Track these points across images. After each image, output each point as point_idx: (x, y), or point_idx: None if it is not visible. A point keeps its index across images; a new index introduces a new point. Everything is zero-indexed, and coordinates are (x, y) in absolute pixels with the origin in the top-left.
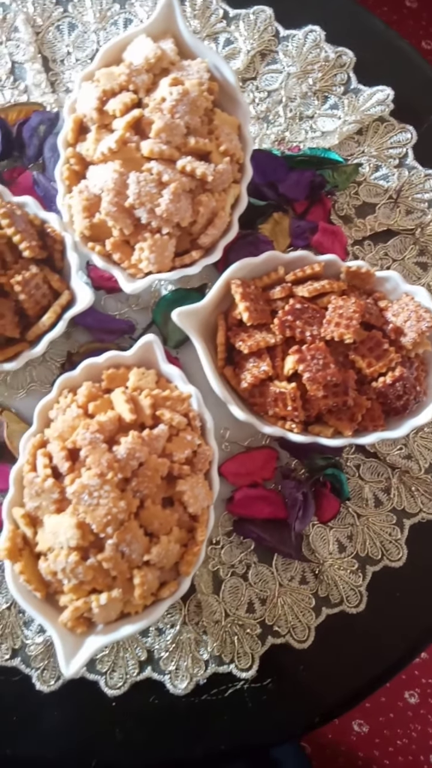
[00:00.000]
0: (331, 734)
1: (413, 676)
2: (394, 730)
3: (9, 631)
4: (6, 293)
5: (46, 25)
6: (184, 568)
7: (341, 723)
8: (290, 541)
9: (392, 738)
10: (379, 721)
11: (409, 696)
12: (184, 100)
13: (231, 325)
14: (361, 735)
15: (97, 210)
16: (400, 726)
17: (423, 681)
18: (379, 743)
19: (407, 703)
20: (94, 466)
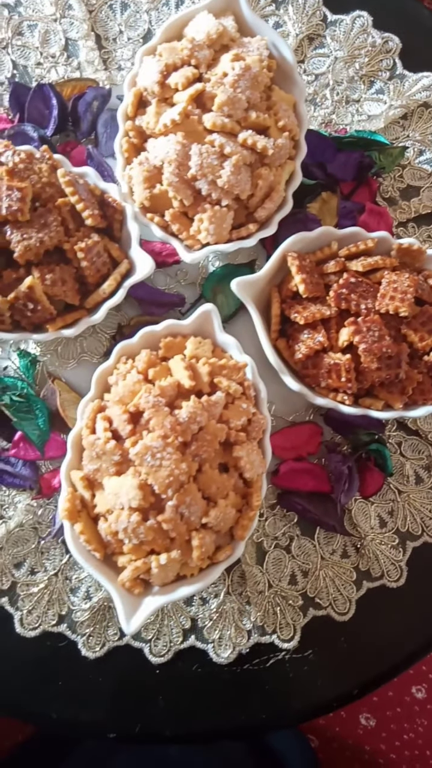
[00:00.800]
0: (338, 727)
1: (421, 671)
2: (401, 724)
3: (56, 597)
4: (68, 260)
5: (99, 3)
6: (240, 532)
7: (348, 716)
8: (334, 514)
9: (399, 732)
10: (386, 715)
11: (417, 691)
12: (246, 75)
13: (285, 297)
14: (368, 729)
15: (158, 181)
16: (407, 720)
17: (430, 676)
18: (385, 737)
19: (414, 698)
20: (157, 428)
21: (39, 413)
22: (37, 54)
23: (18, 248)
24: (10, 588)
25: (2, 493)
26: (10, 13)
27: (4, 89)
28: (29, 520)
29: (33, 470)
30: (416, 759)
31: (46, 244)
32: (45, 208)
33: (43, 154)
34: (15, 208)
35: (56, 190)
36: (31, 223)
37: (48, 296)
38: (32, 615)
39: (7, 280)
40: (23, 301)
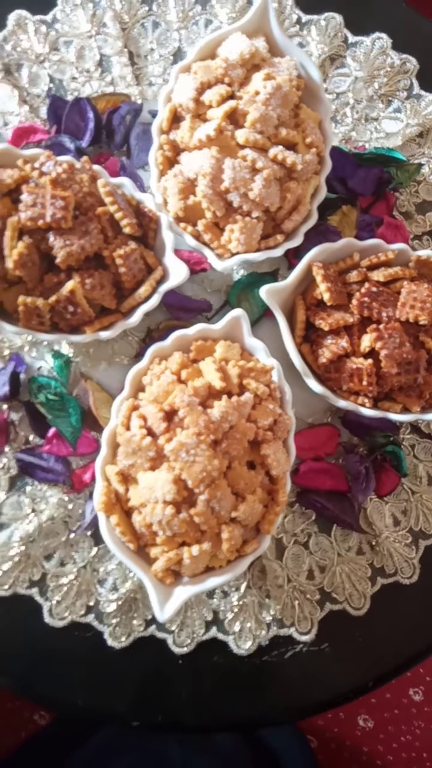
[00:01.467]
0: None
1: (418, 673)
2: (399, 726)
3: (84, 588)
4: (106, 266)
5: (132, 22)
6: (266, 526)
7: (347, 717)
8: (351, 512)
9: (396, 734)
10: (384, 717)
11: (414, 693)
12: (277, 93)
13: (309, 304)
14: (366, 730)
15: (191, 193)
16: (405, 722)
17: (428, 679)
18: (383, 739)
19: (412, 700)
20: (192, 426)
21: (72, 411)
22: (73, 69)
23: (60, 254)
24: (41, 579)
25: (34, 488)
26: (48, 29)
27: (41, 101)
28: (60, 513)
29: (65, 466)
30: (413, 761)
31: (87, 250)
32: (86, 217)
33: (84, 165)
34: (59, 216)
35: (96, 199)
36: (73, 230)
37: (87, 300)
38: (61, 605)
39: (48, 283)
40: (64, 304)
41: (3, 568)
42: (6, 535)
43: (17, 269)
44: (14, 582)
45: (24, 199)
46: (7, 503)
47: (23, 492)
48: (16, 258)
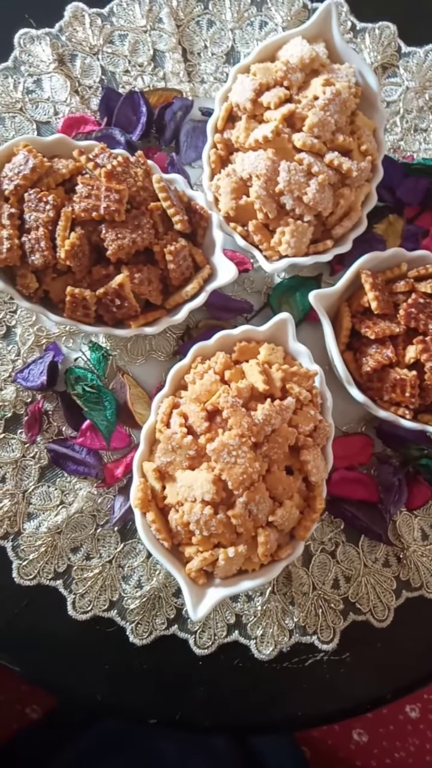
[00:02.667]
0: (330, 741)
1: None
2: (393, 742)
3: (109, 583)
4: (155, 261)
5: (187, 19)
6: (301, 533)
7: (341, 731)
8: (381, 523)
9: (390, 750)
10: (379, 732)
11: (410, 710)
12: (336, 100)
13: (355, 312)
14: (360, 744)
15: (244, 193)
16: (399, 739)
17: (425, 696)
18: (377, 754)
19: (408, 717)
20: (235, 427)
21: (108, 404)
22: (126, 62)
23: (112, 247)
24: (66, 571)
25: (64, 480)
26: (103, 22)
27: (92, 93)
28: (89, 507)
29: (97, 459)
30: None
31: (138, 244)
32: (138, 211)
33: (139, 159)
34: (113, 208)
35: (149, 194)
36: (126, 224)
37: (133, 294)
38: (84, 599)
39: (96, 275)
40: (111, 297)
41: (29, 558)
42: (33, 525)
43: (68, 259)
44: (39, 573)
45: (79, 190)
46: (36, 493)
47: (53, 483)
48: (68, 248)
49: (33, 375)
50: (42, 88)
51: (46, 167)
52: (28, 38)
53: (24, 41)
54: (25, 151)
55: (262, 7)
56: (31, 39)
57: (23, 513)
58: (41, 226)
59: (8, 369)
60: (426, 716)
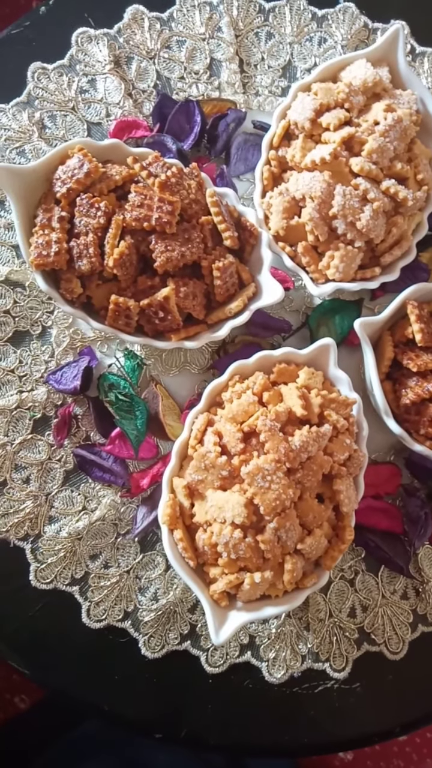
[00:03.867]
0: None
1: None
2: (378, 762)
3: (125, 593)
4: (201, 275)
5: (246, 30)
6: (328, 562)
7: None
8: (404, 556)
9: None
10: (365, 751)
11: None
12: (397, 126)
13: (398, 342)
14: (345, 761)
15: (295, 213)
16: (384, 759)
17: None
18: None
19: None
20: (272, 452)
21: (139, 414)
22: (182, 69)
23: (160, 259)
24: (83, 578)
25: (88, 485)
26: (162, 27)
27: (145, 97)
28: (111, 515)
29: (123, 468)
30: None
31: (187, 258)
32: (189, 224)
33: (192, 171)
34: (165, 220)
35: (201, 207)
36: (176, 236)
37: (177, 307)
38: (99, 608)
39: (141, 285)
40: (155, 309)
41: (47, 561)
42: (54, 529)
43: (115, 268)
44: (56, 577)
45: (131, 198)
46: (59, 497)
47: (77, 488)
48: (117, 257)
49: (66, 378)
50: (96, 88)
51: (100, 173)
52: (86, 37)
53: (81, 40)
54: (80, 155)
55: (323, 23)
56: (88, 38)
57: (45, 516)
58: (91, 232)
59: (41, 369)
60: (413, 739)
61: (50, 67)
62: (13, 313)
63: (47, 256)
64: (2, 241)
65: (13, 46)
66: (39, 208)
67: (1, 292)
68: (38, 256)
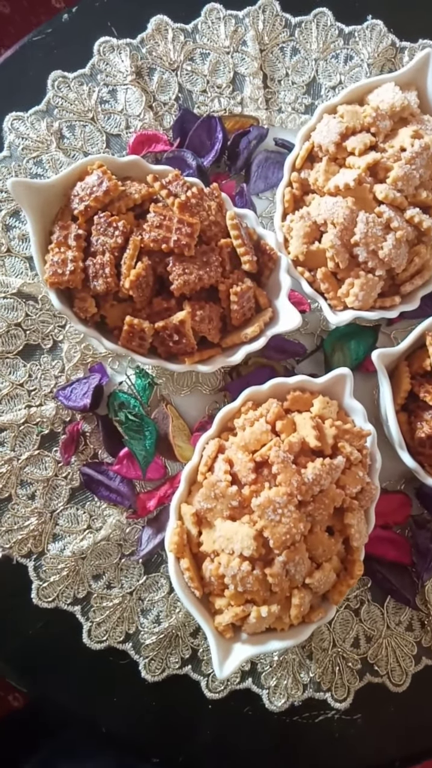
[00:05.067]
0: None
1: None
2: None
3: (127, 615)
4: (217, 299)
5: (271, 44)
6: (336, 597)
7: None
8: (411, 588)
9: None
10: None
11: None
12: (424, 154)
13: (415, 373)
14: None
15: (316, 238)
16: None
17: None
18: None
19: None
20: (284, 485)
21: (148, 434)
22: (204, 82)
23: (177, 282)
24: (85, 598)
25: (94, 504)
26: (186, 39)
27: (166, 109)
28: (116, 535)
29: (130, 488)
30: None
31: (204, 281)
32: (208, 246)
33: (213, 191)
34: (183, 242)
35: (220, 229)
36: (194, 259)
37: (192, 331)
38: (101, 628)
39: (156, 307)
40: (170, 332)
41: (50, 580)
42: (58, 548)
43: (132, 289)
44: (58, 596)
45: (150, 218)
46: (64, 514)
47: (82, 506)
48: (133, 278)
49: (76, 395)
50: (116, 99)
51: (119, 191)
52: (108, 47)
53: (104, 49)
54: (99, 172)
55: (350, 40)
56: (111, 48)
57: (49, 533)
58: (108, 252)
59: (50, 384)
60: None
61: (71, 76)
62: (24, 327)
63: (62, 275)
64: (16, 252)
65: (35, 53)
66: (55, 225)
67: (13, 304)
68: (53, 274)
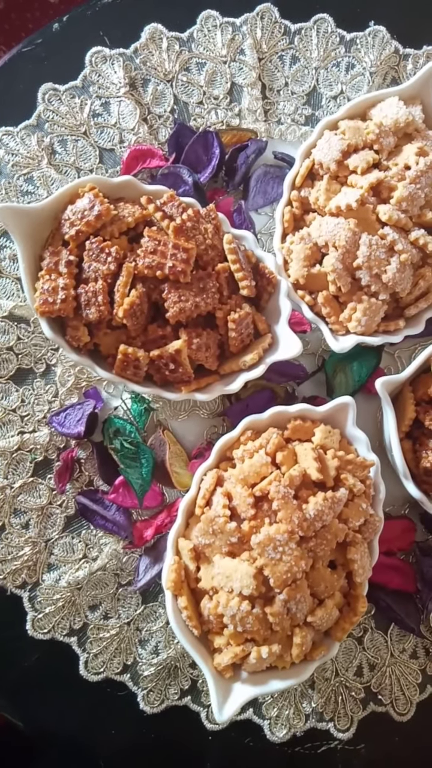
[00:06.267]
0: None
1: None
2: None
3: (124, 646)
4: (215, 325)
5: (270, 52)
6: (338, 634)
7: None
8: (416, 617)
9: None
10: None
11: None
12: (429, 172)
13: (420, 399)
14: None
15: (317, 261)
16: None
17: None
18: None
19: None
20: (284, 522)
21: (145, 462)
22: (201, 93)
23: (173, 309)
24: (81, 629)
25: (90, 532)
26: (181, 48)
27: (161, 122)
28: (113, 565)
29: (127, 517)
30: None
31: (201, 309)
32: (205, 272)
33: (210, 213)
34: (179, 269)
35: (217, 253)
36: (190, 285)
37: (189, 359)
38: (98, 660)
39: (152, 334)
40: (165, 361)
41: (45, 611)
42: (53, 577)
43: (125, 318)
44: (54, 627)
45: (144, 243)
46: (59, 543)
47: (78, 535)
48: (127, 307)
49: (69, 421)
50: (109, 112)
51: (111, 215)
52: (101, 57)
53: (96, 60)
54: (91, 195)
55: (351, 47)
56: (103, 58)
57: (44, 563)
58: (100, 279)
59: (44, 410)
60: None
61: (62, 88)
62: (16, 350)
63: (53, 303)
64: (7, 273)
65: (24, 64)
66: (46, 250)
67: (5, 327)
68: (44, 303)
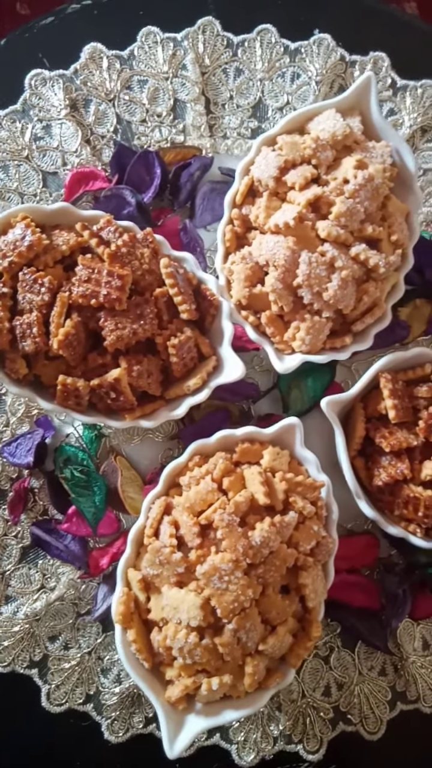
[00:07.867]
0: None
1: None
2: None
3: (86, 676)
4: (156, 351)
5: (213, 66)
6: (293, 660)
7: None
8: (380, 635)
9: None
10: None
11: None
12: (368, 186)
13: (370, 416)
14: None
15: (259, 280)
16: None
17: None
18: None
19: None
20: (229, 551)
21: (97, 490)
22: (143, 111)
23: (110, 338)
24: (42, 660)
25: (47, 561)
26: (122, 66)
27: (104, 143)
28: (71, 594)
29: (82, 546)
30: None
31: (139, 335)
32: (142, 298)
33: (146, 237)
34: (114, 296)
35: (155, 277)
36: (127, 312)
37: (131, 386)
38: (60, 690)
39: (92, 364)
40: (106, 390)
41: (3, 644)
42: (11, 609)
43: (61, 349)
44: (14, 660)
45: (79, 272)
46: (15, 575)
47: (35, 565)
48: (62, 338)
49: (20, 451)
50: (51, 135)
51: (44, 245)
52: (40, 80)
53: (35, 83)
54: (23, 224)
55: (296, 57)
56: (43, 81)
57: (1, 595)
58: (35, 310)
59: None
60: None
61: (2, 113)
62: None
63: None
64: None
65: None
66: None
67: None
68: None
